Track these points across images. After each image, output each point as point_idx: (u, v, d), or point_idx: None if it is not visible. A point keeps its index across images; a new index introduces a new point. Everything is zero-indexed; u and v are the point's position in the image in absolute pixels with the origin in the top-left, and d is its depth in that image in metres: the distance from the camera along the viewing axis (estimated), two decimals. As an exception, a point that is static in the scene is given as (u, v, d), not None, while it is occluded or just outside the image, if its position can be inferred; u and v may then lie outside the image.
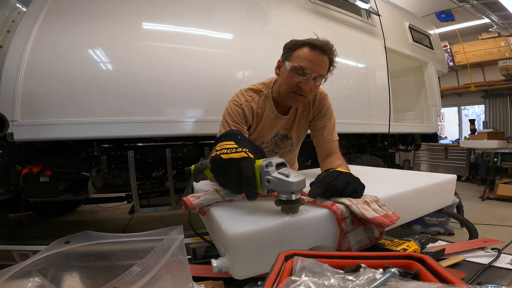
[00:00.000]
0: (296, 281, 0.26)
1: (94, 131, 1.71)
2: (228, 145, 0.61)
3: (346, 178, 0.63)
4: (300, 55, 0.90)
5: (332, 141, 1.08)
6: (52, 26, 1.65)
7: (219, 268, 0.49)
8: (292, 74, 0.91)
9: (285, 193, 0.52)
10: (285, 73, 0.95)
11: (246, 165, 0.55)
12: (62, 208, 3.56)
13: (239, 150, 0.58)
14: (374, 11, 3.08)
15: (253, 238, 0.49)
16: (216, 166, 0.59)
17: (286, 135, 1.14)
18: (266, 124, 1.06)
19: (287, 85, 0.94)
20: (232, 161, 0.56)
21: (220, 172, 0.59)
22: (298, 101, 0.98)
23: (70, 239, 0.49)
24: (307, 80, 0.90)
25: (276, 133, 1.11)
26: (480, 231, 0.87)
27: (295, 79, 0.91)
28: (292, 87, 0.93)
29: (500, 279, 0.54)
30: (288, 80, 0.93)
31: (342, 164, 0.93)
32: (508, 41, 5.85)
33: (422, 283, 0.26)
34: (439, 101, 3.81)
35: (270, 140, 1.13)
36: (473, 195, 4.77)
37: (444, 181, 0.85)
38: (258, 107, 1.04)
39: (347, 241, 0.56)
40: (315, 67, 0.90)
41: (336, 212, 0.55)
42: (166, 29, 1.95)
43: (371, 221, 0.54)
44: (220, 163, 0.58)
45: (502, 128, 6.29)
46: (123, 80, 1.80)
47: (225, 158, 0.57)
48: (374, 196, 0.61)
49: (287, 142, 1.16)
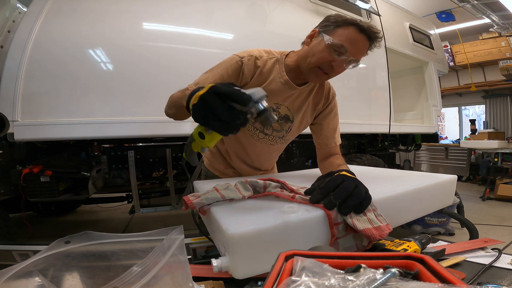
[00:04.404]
0: (296, 281, 0.26)
1: (94, 131, 1.72)
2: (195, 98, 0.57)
3: (353, 182, 0.60)
4: (345, 33, 0.81)
5: (336, 145, 1.03)
6: (52, 26, 1.65)
7: (219, 268, 0.49)
8: (328, 49, 0.82)
9: (251, 107, 0.53)
10: (319, 45, 0.84)
11: (218, 87, 0.54)
12: (62, 208, 3.57)
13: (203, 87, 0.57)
14: (374, 11, 3.08)
15: (254, 238, 0.48)
16: (197, 114, 0.57)
17: (286, 116, 1.00)
18: (271, 87, 0.92)
19: (317, 59, 0.84)
20: (205, 96, 0.54)
21: (202, 113, 0.56)
22: (319, 78, 0.88)
23: (70, 239, 0.49)
24: (342, 61, 0.82)
25: (276, 105, 0.97)
26: (480, 231, 0.87)
27: (329, 56, 0.82)
28: (323, 63, 0.84)
29: (501, 279, 0.54)
30: (321, 55, 0.83)
31: (342, 164, 0.90)
32: (508, 41, 5.85)
33: (422, 283, 0.26)
34: (440, 101, 3.81)
35: None
36: (474, 195, 4.77)
37: (445, 181, 0.85)
38: (264, 66, 0.93)
39: (336, 247, 0.56)
40: (356, 52, 0.82)
41: (330, 216, 0.55)
42: (166, 29, 1.95)
43: (361, 232, 0.54)
44: (198, 107, 0.56)
45: (502, 128, 6.29)
46: (123, 80, 1.80)
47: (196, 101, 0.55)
48: (371, 204, 0.61)
49: (285, 124, 1.02)
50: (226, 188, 0.67)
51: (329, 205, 0.57)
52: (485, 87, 6.48)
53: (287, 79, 0.92)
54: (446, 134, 7.45)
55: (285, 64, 0.94)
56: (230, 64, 0.90)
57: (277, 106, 0.97)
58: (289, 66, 0.93)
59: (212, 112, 0.54)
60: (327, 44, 0.81)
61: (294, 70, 0.92)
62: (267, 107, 0.55)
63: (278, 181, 0.72)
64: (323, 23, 0.86)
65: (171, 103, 0.88)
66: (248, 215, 0.56)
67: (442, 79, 5.34)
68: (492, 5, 4.78)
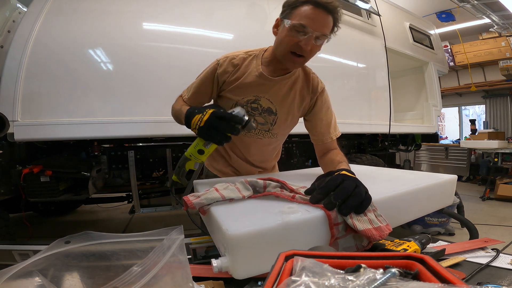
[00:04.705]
0: (296, 281, 0.26)
1: (94, 131, 1.72)
2: (196, 118, 0.78)
3: (354, 182, 0.60)
4: (302, 12, 0.82)
5: (332, 139, 1.03)
6: (52, 26, 1.65)
7: (219, 268, 0.49)
8: (291, 32, 0.84)
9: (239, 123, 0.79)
10: (283, 31, 0.87)
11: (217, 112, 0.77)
12: (62, 208, 3.57)
13: (205, 112, 0.77)
14: (374, 11, 3.08)
15: (253, 238, 0.48)
16: (204, 134, 0.78)
17: (269, 108, 1.01)
18: (246, 81, 0.97)
19: (286, 44, 0.86)
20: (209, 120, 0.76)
21: (209, 133, 0.77)
22: (296, 63, 0.90)
23: (70, 239, 0.49)
24: (308, 39, 0.83)
25: (255, 98, 0.99)
26: (480, 231, 0.87)
27: (294, 38, 0.84)
28: (292, 47, 0.85)
29: (501, 279, 0.54)
30: (287, 39, 0.86)
31: (342, 161, 0.89)
32: (508, 41, 5.84)
33: (422, 283, 0.26)
34: (440, 101, 3.81)
35: (246, 104, 1.00)
36: (474, 195, 4.77)
37: (445, 181, 0.85)
38: (243, 64, 0.98)
39: (336, 247, 0.56)
40: (318, 26, 0.82)
41: (330, 216, 0.55)
42: (166, 29, 1.95)
43: (361, 233, 0.54)
44: (205, 129, 0.76)
45: (502, 128, 6.29)
46: (123, 80, 1.80)
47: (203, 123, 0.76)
48: (371, 204, 0.60)
49: (269, 117, 1.02)
50: (226, 188, 0.68)
51: (329, 205, 0.57)
52: (485, 87, 6.48)
53: (261, 71, 0.96)
54: (446, 134, 7.44)
55: (263, 58, 0.98)
56: (209, 68, 1.00)
57: (256, 98, 1.00)
58: (267, 59, 0.98)
59: (217, 130, 0.77)
60: (289, 27, 0.84)
61: (272, 62, 0.96)
62: (248, 119, 0.80)
63: (278, 181, 0.72)
64: (282, 9, 0.89)
65: (173, 114, 1.02)
66: (248, 215, 0.56)
67: (442, 79, 5.34)
68: (492, 5, 4.78)
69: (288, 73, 0.98)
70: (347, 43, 2.84)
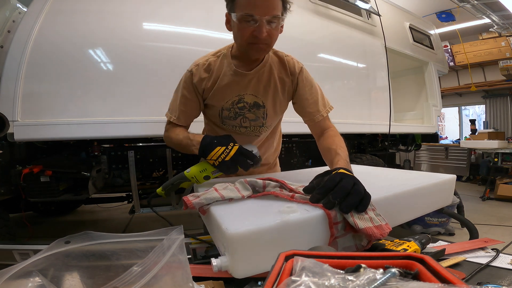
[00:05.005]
0: (296, 281, 0.26)
1: (94, 131, 1.71)
2: (219, 151, 0.79)
3: (352, 180, 0.60)
4: (243, 1, 0.79)
5: (323, 117, 0.99)
6: (52, 26, 1.65)
7: (219, 267, 0.49)
8: (241, 25, 0.81)
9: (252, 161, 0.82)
10: (234, 26, 0.85)
11: (242, 149, 0.80)
12: (62, 208, 3.57)
13: (230, 147, 0.79)
14: (374, 11, 3.08)
15: (253, 238, 0.48)
16: (225, 168, 0.79)
17: (256, 103, 0.99)
18: (224, 83, 0.94)
19: (241, 38, 0.85)
20: (234, 157, 0.78)
21: (231, 167, 0.79)
22: (260, 51, 0.87)
23: (70, 239, 0.49)
24: (259, 27, 0.79)
25: (239, 98, 0.97)
26: (480, 231, 0.87)
27: (246, 30, 0.81)
28: (247, 39, 0.83)
29: (501, 279, 0.54)
30: (240, 33, 0.84)
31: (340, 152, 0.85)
32: (508, 41, 5.84)
33: (422, 283, 0.26)
34: (440, 101, 3.82)
35: (232, 106, 0.99)
36: (474, 195, 4.77)
37: (444, 181, 0.85)
38: (214, 66, 0.95)
39: (335, 246, 0.56)
40: (264, 10, 0.78)
41: (329, 215, 0.55)
42: (166, 29, 1.95)
43: (362, 231, 0.54)
44: (228, 164, 0.78)
45: (502, 128, 6.29)
46: (123, 80, 1.80)
47: (229, 158, 0.78)
48: (371, 203, 0.61)
49: (258, 112, 1.00)
50: (225, 188, 0.68)
51: (328, 204, 0.57)
52: (485, 87, 6.48)
53: (235, 69, 0.94)
54: (446, 134, 7.44)
55: (233, 55, 0.96)
56: (184, 81, 0.97)
57: (240, 97, 0.97)
58: (236, 55, 0.96)
59: (237, 165, 0.80)
60: (237, 20, 0.81)
61: (242, 57, 0.94)
62: (260, 157, 0.85)
63: (277, 181, 0.72)
64: (226, 3, 0.86)
65: (174, 143, 0.97)
66: (248, 214, 0.56)
67: (442, 79, 5.35)
68: (492, 5, 4.78)
69: (262, 62, 0.95)
70: (347, 43, 2.84)
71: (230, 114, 1.00)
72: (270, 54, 0.98)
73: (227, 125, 1.03)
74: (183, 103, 0.98)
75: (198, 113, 1.04)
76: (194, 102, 0.99)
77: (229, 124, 1.03)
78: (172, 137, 0.97)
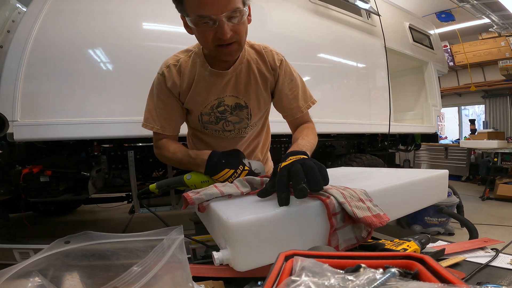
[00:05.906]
0: (296, 281, 0.26)
1: (94, 131, 1.71)
2: (227, 173, 0.75)
3: (297, 163, 0.56)
4: (193, 2, 0.68)
5: (302, 113, 0.93)
6: (52, 26, 1.65)
7: (221, 261, 0.49)
8: (200, 28, 0.72)
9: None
10: (194, 31, 0.76)
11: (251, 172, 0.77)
12: (62, 208, 3.57)
13: (240, 171, 0.76)
14: (374, 11, 3.08)
15: (254, 227, 0.49)
16: None
17: (237, 104, 0.90)
18: (200, 85, 0.85)
19: (206, 43, 0.75)
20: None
21: None
22: (232, 52, 0.77)
23: (70, 239, 0.49)
24: (220, 27, 0.69)
25: (218, 101, 0.88)
26: (480, 231, 0.87)
27: (207, 33, 0.72)
28: (212, 41, 0.73)
29: (500, 279, 0.54)
30: (202, 37, 0.75)
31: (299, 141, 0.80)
32: (508, 41, 5.85)
33: (422, 283, 0.26)
34: (439, 101, 3.82)
35: (212, 111, 0.90)
36: (473, 195, 4.78)
37: (436, 175, 0.85)
38: (186, 67, 0.86)
39: (336, 238, 0.56)
40: (218, 7, 0.67)
41: (328, 206, 0.55)
42: (166, 29, 1.95)
43: (361, 220, 0.54)
44: None
45: (502, 128, 6.30)
46: (123, 80, 1.80)
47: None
48: (367, 194, 0.60)
49: (241, 113, 0.92)
50: (225, 185, 0.68)
51: (300, 193, 0.52)
52: (485, 87, 6.48)
53: (211, 68, 0.85)
54: (446, 134, 7.45)
55: (205, 54, 0.87)
56: (156, 85, 0.89)
57: (219, 101, 0.89)
58: (208, 54, 0.86)
59: None
60: (194, 24, 0.72)
61: (214, 56, 0.83)
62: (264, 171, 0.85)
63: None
64: (176, 7, 0.76)
65: (174, 163, 0.92)
66: (248, 206, 0.57)
67: (442, 79, 5.34)
68: (492, 5, 4.78)
69: (239, 59, 0.86)
70: (346, 43, 2.84)
71: (210, 119, 0.93)
72: (246, 48, 0.89)
73: (209, 130, 0.96)
74: (162, 109, 0.89)
75: (183, 118, 0.95)
76: (174, 107, 0.89)
77: (211, 129, 0.96)
78: (169, 156, 0.90)
